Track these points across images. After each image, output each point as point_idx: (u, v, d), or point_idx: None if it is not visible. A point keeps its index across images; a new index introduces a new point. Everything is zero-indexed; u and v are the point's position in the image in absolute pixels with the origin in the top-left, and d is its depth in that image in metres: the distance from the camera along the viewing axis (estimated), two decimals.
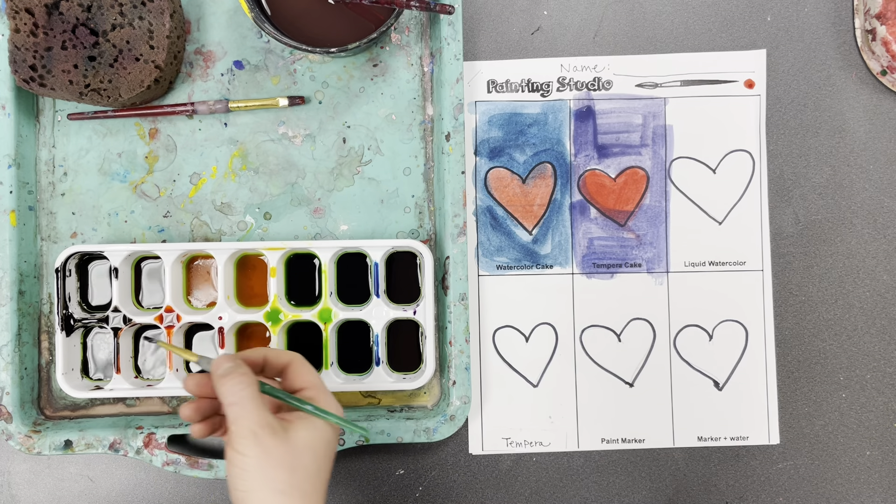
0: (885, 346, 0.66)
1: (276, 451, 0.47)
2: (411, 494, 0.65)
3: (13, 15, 0.58)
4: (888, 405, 0.66)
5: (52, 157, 0.64)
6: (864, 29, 0.66)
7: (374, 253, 0.62)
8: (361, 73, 0.65)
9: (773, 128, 0.66)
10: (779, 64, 0.67)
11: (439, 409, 0.64)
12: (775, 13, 0.67)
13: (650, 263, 0.66)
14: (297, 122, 0.65)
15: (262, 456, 0.46)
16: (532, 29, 0.66)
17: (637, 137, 0.66)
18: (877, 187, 0.66)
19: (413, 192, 0.65)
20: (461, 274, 0.62)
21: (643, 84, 0.66)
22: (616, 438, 0.65)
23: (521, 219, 0.66)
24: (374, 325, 0.63)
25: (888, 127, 0.66)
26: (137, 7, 0.59)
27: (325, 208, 0.65)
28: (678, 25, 0.67)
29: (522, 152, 0.66)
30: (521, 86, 0.66)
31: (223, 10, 0.65)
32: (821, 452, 0.66)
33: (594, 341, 0.66)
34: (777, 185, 0.66)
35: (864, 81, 0.67)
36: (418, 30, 0.66)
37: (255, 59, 0.65)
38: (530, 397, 0.65)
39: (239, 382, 0.48)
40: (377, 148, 0.65)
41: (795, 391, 0.66)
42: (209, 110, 0.64)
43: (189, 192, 0.65)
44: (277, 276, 0.62)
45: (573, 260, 0.66)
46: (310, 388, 0.51)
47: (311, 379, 0.51)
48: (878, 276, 0.66)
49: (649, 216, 0.66)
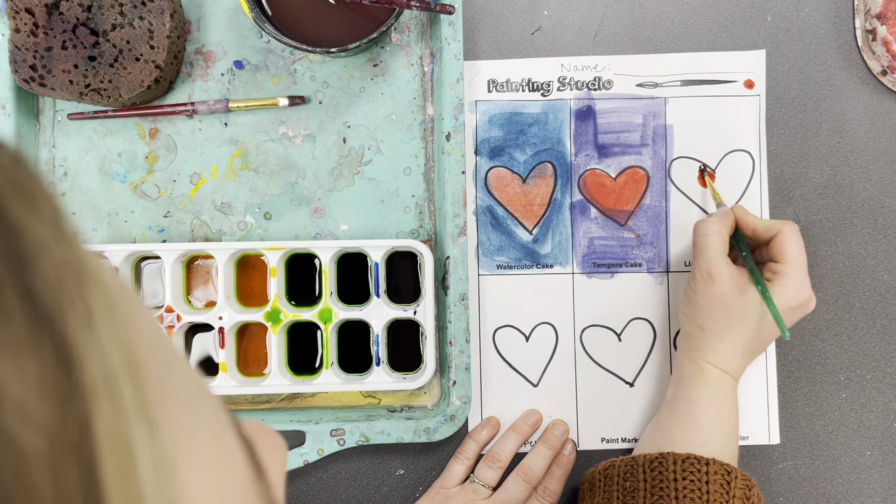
0: (885, 346, 0.66)
1: (716, 296, 0.56)
2: (411, 494, 0.65)
3: (13, 15, 0.58)
4: (888, 405, 0.66)
5: (52, 157, 0.64)
6: (865, 29, 0.66)
7: (375, 253, 0.62)
8: (361, 73, 0.65)
9: (774, 128, 0.66)
10: (779, 64, 0.67)
11: (439, 409, 0.64)
12: (776, 13, 0.67)
13: (650, 263, 0.66)
14: (298, 122, 0.65)
15: (703, 294, 0.56)
16: (532, 29, 0.66)
17: (637, 137, 0.66)
18: (877, 187, 0.66)
19: (413, 192, 0.65)
20: (461, 274, 0.62)
21: (643, 84, 0.66)
22: (616, 438, 0.65)
23: (522, 218, 0.66)
24: (375, 325, 0.63)
25: (888, 127, 0.66)
26: (137, 7, 0.59)
27: (325, 208, 0.65)
28: (678, 25, 0.66)
29: (523, 152, 0.66)
30: (522, 85, 0.66)
31: (223, 10, 0.65)
32: (821, 452, 0.66)
33: (594, 341, 0.66)
34: (777, 185, 0.66)
35: (865, 81, 0.67)
36: (418, 30, 0.66)
37: (256, 59, 0.65)
38: (530, 397, 0.65)
39: (712, 225, 0.57)
40: (377, 148, 0.65)
41: (795, 391, 0.66)
42: (209, 110, 0.64)
43: (189, 192, 0.65)
44: (277, 276, 0.62)
45: (573, 259, 0.66)
46: (784, 262, 0.56)
47: (790, 254, 0.56)
48: (878, 276, 0.66)
49: (649, 216, 0.66)
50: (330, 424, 0.62)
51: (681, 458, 0.53)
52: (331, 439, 0.61)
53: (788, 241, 0.56)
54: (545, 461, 0.63)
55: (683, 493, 0.52)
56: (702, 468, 0.53)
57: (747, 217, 0.59)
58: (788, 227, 0.57)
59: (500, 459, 0.62)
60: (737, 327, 0.56)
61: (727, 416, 0.56)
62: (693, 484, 0.52)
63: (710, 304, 0.56)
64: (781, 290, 0.55)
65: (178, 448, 0.18)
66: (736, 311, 0.56)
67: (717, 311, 0.56)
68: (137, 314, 0.19)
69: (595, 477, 0.59)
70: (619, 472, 0.56)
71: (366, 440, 0.61)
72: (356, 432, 0.61)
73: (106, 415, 0.16)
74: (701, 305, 0.57)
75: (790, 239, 0.56)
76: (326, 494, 0.65)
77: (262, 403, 0.65)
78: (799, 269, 0.56)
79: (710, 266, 0.56)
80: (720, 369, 0.57)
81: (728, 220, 0.58)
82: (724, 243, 0.57)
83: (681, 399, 0.57)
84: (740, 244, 0.59)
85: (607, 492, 0.56)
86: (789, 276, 0.56)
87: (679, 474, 0.53)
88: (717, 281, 0.56)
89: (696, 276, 0.57)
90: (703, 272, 0.56)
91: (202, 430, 0.21)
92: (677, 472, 0.53)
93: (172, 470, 0.17)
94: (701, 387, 0.57)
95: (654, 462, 0.54)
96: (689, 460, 0.53)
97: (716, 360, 0.57)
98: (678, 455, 0.53)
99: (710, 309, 0.56)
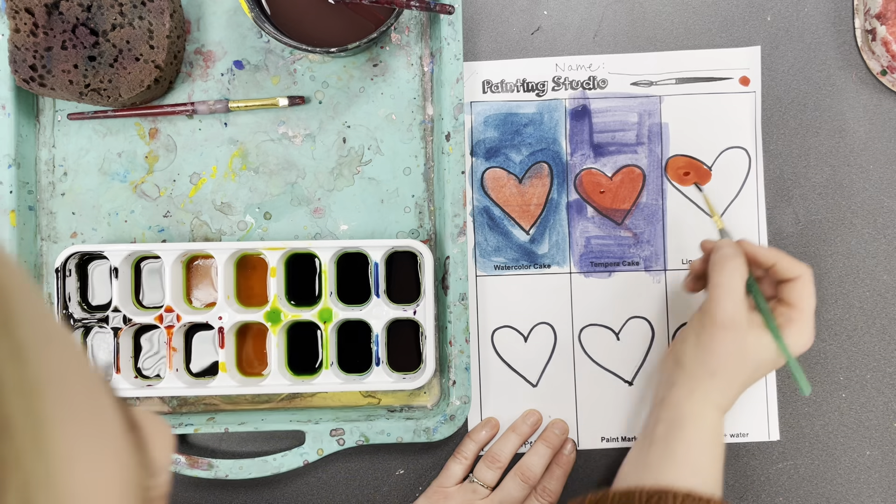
0: (885, 346, 0.66)
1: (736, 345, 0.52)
2: (411, 494, 0.65)
3: (13, 15, 0.58)
4: (888, 405, 0.66)
5: (52, 157, 0.65)
6: (865, 29, 0.66)
7: (374, 253, 0.62)
8: (361, 73, 0.65)
9: (773, 127, 0.66)
10: (779, 63, 0.67)
11: (439, 409, 0.64)
12: (775, 13, 0.67)
13: (648, 261, 0.66)
14: (297, 122, 0.65)
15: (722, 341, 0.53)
16: (532, 29, 0.66)
17: (633, 136, 0.66)
18: (877, 187, 0.66)
19: (413, 192, 0.65)
20: (461, 274, 0.62)
21: (638, 82, 0.66)
22: (616, 437, 0.65)
23: (518, 219, 0.66)
24: (374, 325, 0.63)
25: (888, 127, 0.66)
26: (137, 7, 0.59)
27: (325, 208, 0.65)
28: (678, 25, 0.67)
29: (518, 152, 0.66)
30: (517, 86, 0.66)
31: (223, 10, 0.65)
32: (821, 452, 0.66)
33: (593, 340, 0.66)
34: (777, 185, 0.66)
35: (865, 81, 0.67)
36: (418, 30, 0.66)
37: (255, 59, 0.65)
38: (530, 397, 0.65)
39: (732, 269, 0.53)
40: (377, 148, 0.65)
41: (795, 391, 0.66)
42: (209, 110, 0.64)
43: (189, 191, 0.65)
44: (277, 276, 0.62)
45: (571, 259, 0.66)
46: (800, 310, 0.53)
47: (808, 302, 0.53)
48: (878, 276, 0.66)
49: (646, 214, 0.66)
50: (330, 424, 0.62)
51: (681, 495, 0.51)
52: (330, 439, 0.62)
53: (808, 288, 0.53)
54: (544, 461, 0.63)
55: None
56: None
57: (759, 252, 0.55)
58: (808, 272, 0.54)
59: (499, 459, 0.62)
60: (749, 373, 0.54)
61: (721, 454, 0.55)
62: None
63: (727, 354, 0.53)
64: (795, 340, 0.53)
65: (48, 397, 0.20)
66: (752, 359, 0.53)
67: (735, 361, 0.53)
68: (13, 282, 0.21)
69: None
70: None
71: (365, 440, 0.61)
72: (356, 432, 0.62)
73: None
74: (718, 353, 0.53)
75: (809, 287, 0.53)
76: (326, 494, 0.65)
77: (261, 403, 0.65)
78: (811, 319, 0.54)
79: (734, 312, 0.52)
80: (721, 409, 0.55)
81: (743, 256, 0.54)
82: (744, 283, 0.54)
83: (676, 439, 0.54)
84: (754, 289, 0.55)
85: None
86: (804, 324, 0.53)
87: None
88: (738, 329, 0.52)
89: (716, 320, 0.53)
90: (725, 317, 0.52)
91: (75, 385, 0.23)
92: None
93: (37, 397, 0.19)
94: (702, 428, 0.54)
95: (652, 498, 0.51)
96: (689, 498, 0.50)
97: (721, 401, 0.54)
98: (678, 493, 0.51)
99: (728, 358, 0.53)
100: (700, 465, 0.54)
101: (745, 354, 0.53)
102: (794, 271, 0.54)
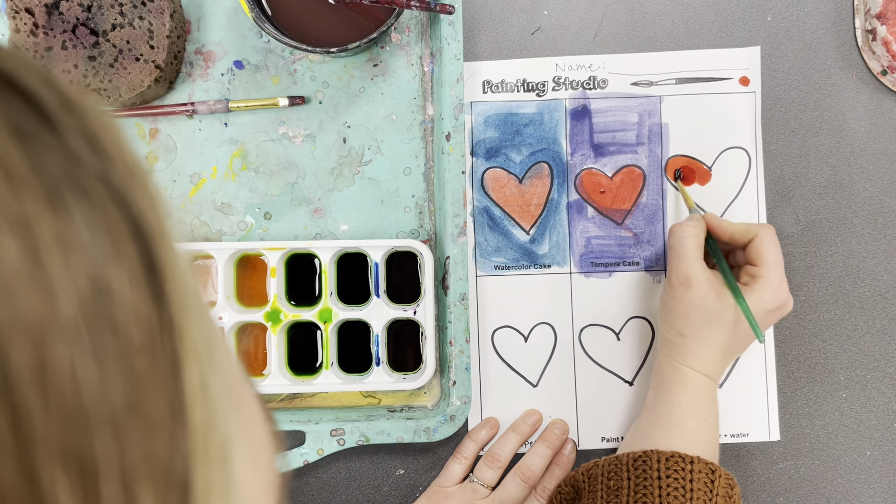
0: (885, 346, 0.66)
1: (693, 301, 0.55)
2: (411, 494, 0.65)
3: (13, 15, 0.58)
4: (888, 405, 0.66)
5: None
6: (865, 29, 0.66)
7: (374, 253, 0.62)
8: (361, 73, 0.65)
9: (773, 127, 0.66)
10: (779, 63, 0.67)
11: (439, 409, 0.64)
12: (775, 13, 0.67)
13: (648, 262, 0.66)
14: (297, 122, 0.65)
15: (681, 300, 0.56)
16: (532, 29, 0.66)
17: (633, 136, 0.66)
18: (877, 187, 0.66)
19: (413, 192, 0.65)
20: (461, 274, 0.62)
21: (638, 83, 0.66)
22: (616, 437, 0.65)
23: (519, 219, 0.66)
24: (374, 325, 0.63)
25: (888, 127, 0.66)
26: (137, 7, 0.59)
27: (325, 208, 0.65)
28: (678, 25, 0.66)
29: (519, 152, 0.66)
30: (517, 86, 0.66)
31: (223, 10, 0.65)
32: (821, 452, 0.66)
33: (593, 340, 0.66)
34: (777, 185, 0.66)
35: (865, 81, 0.67)
36: (418, 30, 0.66)
37: (255, 59, 0.65)
38: (530, 397, 0.65)
39: (689, 228, 0.57)
40: (377, 148, 0.65)
41: (795, 391, 0.66)
42: (209, 110, 0.64)
43: (189, 192, 0.65)
44: (277, 276, 0.62)
45: (571, 259, 0.66)
46: (762, 265, 0.56)
47: (768, 257, 0.56)
48: (878, 276, 0.66)
49: (646, 214, 0.66)
50: (330, 424, 0.62)
51: (665, 455, 0.53)
52: (331, 439, 0.62)
53: (766, 243, 0.56)
54: (544, 460, 0.63)
55: (667, 490, 0.52)
56: (686, 466, 0.53)
57: (721, 223, 0.59)
58: (765, 229, 0.57)
59: (499, 459, 0.62)
60: (716, 331, 0.56)
61: (707, 419, 0.56)
62: (677, 482, 0.52)
63: (687, 309, 0.56)
64: (760, 294, 0.55)
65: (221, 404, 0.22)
66: (714, 316, 0.55)
67: (696, 316, 0.56)
68: None
69: (578, 478, 0.58)
70: (602, 472, 0.56)
71: (366, 440, 0.62)
72: (356, 432, 0.62)
73: (189, 323, 0.20)
74: (678, 311, 0.56)
75: (767, 241, 0.56)
76: (326, 494, 0.65)
77: None
78: (776, 272, 0.56)
79: (687, 270, 0.56)
80: (700, 373, 0.57)
81: (702, 224, 0.58)
82: (700, 247, 0.57)
83: (661, 403, 0.57)
84: (713, 249, 0.58)
85: (591, 492, 0.56)
86: (767, 279, 0.55)
87: (663, 472, 0.52)
88: (694, 285, 0.55)
89: (672, 280, 0.57)
90: (679, 277, 0.56)
91: (237, 383, 0.25)
92: (661, 470, 0.53)
93: (222, 394, 0.21)
94: (681, 391, 0.56)
95: (637, 460, 0.54)
96: (673, 458, 0.53)
97: (696, 364, 0.56)
98: (662, 453, 0.53)
99: (688, 314, 0.56)
100: (684, 428, 0.55)
101: (707, 312, 0.55)
102: (752, 232, 0.57)
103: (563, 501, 0.59)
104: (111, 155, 0.19)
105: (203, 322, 0.21)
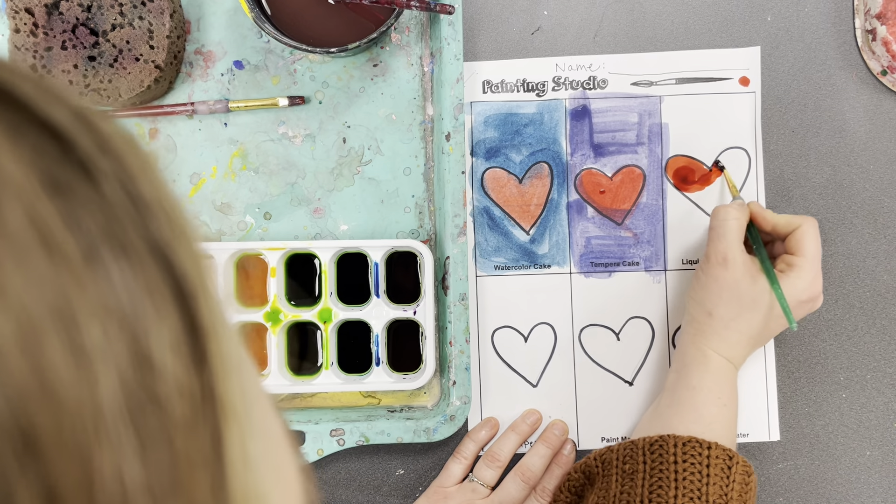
0: (885, 346, 0.66)
1: (728, 281, 0.55)
2: (411, 494, 0.65)
3: (13, 15, 0.58)
4: (888, 405, 0.66)
5: None
6: (865, 29, 0.66)
7: (374, 253, 0.62)
8: (361, 73, 0.65)
9: (773, 128, 0.66)
10: (779, 64, 0.67)
11: (439, 410, 0.64)
12: (775, 13, 0.67)
13: (648, 262, 0.66)
14: (297, 122, 0.65)
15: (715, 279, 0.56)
16: (532, 29, 0.66)
17: (633, 136, 0.66)
18: (877, 187, 0.66)
19: (413, 192, 0.65)
20: (461, 274, 0.62)
21: (638, 83, 0.66)
22: (616, 437, 0.65)
23: (519, 219, 0.66)
24: (374, 325, 0.63)
25: (888, 127, 0.66)
26: (137, 7, 0.59)
27: (325, 208, 0.65)
28: (678, 25, 0.66)
29: (519, 152, 0.66)
30: (517, 86, 0.66)
31: (223, 10, 0.65)
32: (821, 452, 0.66)
33: (593, 340, 0.66)
34: (777, 185, 0.66)
35: (865, 81, 0.67)
36: (418, 30, 0.66)
37: (255, 59, 0.65)
38: (530, 397, 0.65)
39: (733, 211, 0.57)
40: (377, 148, 0.65)
41: (795, 391, 0.66)
42: (209, 110, 0.64)
43: (189, 192, 0.65)
44: (277, 276, 0.62)
45: (571, 259, 0.66)
46: (800, 255, 0.56)
47: (808, 248, 0.56)
48: (878, 276, 0.66)
49: (646, 214, 0.66)
50: (330, 424, 0.62)
51: (682, 440, 0.53)
52: (330, 439, 0.62)
53: (808, 235, 0.56)
54: (544, 461, 0.63)
55: (683, 475, 0.51)
56: (703, 451, 0.52)
57: (765, 213, 0.59)
58: (808, 222, 0.57)
59: (499, 459, 0.62)
60: (745, 315, 0.56)
61: (728, 404, 0.56)
62: (693, 467, 0.52)
63: (720, 289, 0.56)
64: (794, 283, 0.55)
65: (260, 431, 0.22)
66: (746, 299, 0.55)
67: (728, 297, 0.56)
68: None
69: (590, 464, 0.57)
70: (617, 457, 0.55)
71: (366, 440, 0.62)
72: (356, 432, 0.62)
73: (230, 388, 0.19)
74: (712, 289, 0.56)
75: (809, 233, 0.56)
76: (326, 494, 0.65)
77: None
78: (814, 264, 0.56)
79: (726, 250, 0.56)
80: (724, 357, 0.56)
81: (746, 210, 0.58)
82: (742, 230, 0.57)
83: (682, 386, 0.57)
84: (754, 236, 0.58)
85: (605, 476, 0.55)
86: (804, 268, 0.56)
87: (679, 457, 0.52)
88: (731, 266, 0.55)
89: (710, 259, 0.57)
90: (718, 256, 0.56)
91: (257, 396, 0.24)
92: (678, 455, 0.52)
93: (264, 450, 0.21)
94: (703, 374, 0.56)
95: (654, 444, 0.53)
96: (690, 443, 0.52)
97: (721, 347, 0.56)
98: (679, 438, 0.53)
99: (721, 294, 0.56)
100: (704, 413, 0.55)
101: (740, 294, 0.55)
102: (794, 224, 0.57)
103: (571, 488, 0.59)
104: (149, 202, 0.18)
105: (243, 381, 0.20)
